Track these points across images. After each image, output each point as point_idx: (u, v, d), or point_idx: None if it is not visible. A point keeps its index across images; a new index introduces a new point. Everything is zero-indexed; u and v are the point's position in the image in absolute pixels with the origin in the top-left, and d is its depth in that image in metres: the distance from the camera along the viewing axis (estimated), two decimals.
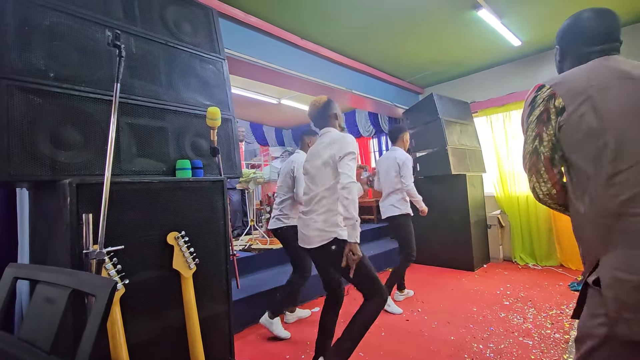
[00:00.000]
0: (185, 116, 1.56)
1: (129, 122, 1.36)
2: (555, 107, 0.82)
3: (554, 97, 0.82)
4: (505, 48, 3.75)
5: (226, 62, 1.81)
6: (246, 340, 2.34)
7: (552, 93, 0.83)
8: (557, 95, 0.82)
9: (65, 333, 0.68)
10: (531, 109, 0.87)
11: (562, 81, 0.84)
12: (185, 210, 1.36)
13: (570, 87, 0.81)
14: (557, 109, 0.82)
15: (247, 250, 3.55)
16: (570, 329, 2.22)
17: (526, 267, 3.84)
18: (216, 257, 1.44)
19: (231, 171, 1.70)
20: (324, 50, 3.49)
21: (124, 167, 1.32)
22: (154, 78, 1.49)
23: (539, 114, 0.84)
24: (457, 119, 4.08)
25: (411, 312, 2.67)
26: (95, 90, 1.28)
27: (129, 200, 1.22)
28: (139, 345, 1.17)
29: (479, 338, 2.17)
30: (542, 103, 0.84)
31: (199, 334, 1.25)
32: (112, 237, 1.14)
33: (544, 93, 0.84)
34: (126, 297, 1.13)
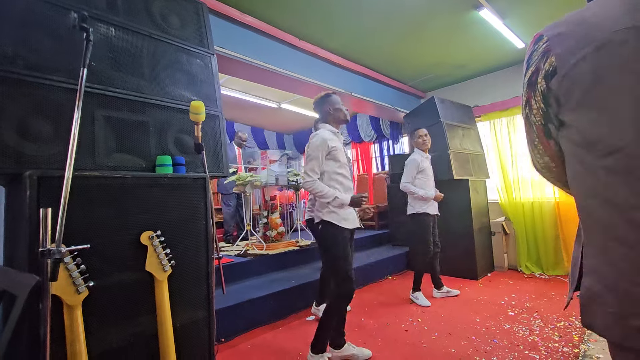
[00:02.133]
0: (169, 111, 1.49)
1: (106, 114, 1.29)
2: (545, 69, 0.65)
3: (547, 54, 0.65)
4: (508, 50, 3.67)
5: (215, 57, 1.74)
6: (237, 350, 2.22)
7: (546, 49, 0.66)
8: (551, 53, 0.65)
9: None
10: (526, 68, 0.71)
11: (564, 30, 0.65)
12: (163, 208, 1.28)
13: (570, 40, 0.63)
14: (546, 71, 0.65)
15: (242, 255, 3.46)
16: (579, 342, 2.08)
17: (532, 276, 3.69)
18: (196, 260, 1.35)
19: (217, 170, 1.62)
20: (322, 51, 3.44)
21: (98, 162, 1.24)
22: (135, 70, 1.42)
23: (530, 75, 0.69)
24: (460, 122, 3.98)
25: (410, 322, 2.54)
26: (69, 80, 1.21)
27: (100, 196, 1.13)
28: (105, 354, 1.08)
29: (482, 351, 2.03)
30: (535, 61, 0.68)
31: (172, 342, 1.15)
32: (79, 236, 1.06)
33: (540, 48, 0.68)
34: (92, 301, 1.05)
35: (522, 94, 0.74)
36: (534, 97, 0.69)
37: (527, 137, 0.76)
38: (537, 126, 0.72)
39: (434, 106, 3.79)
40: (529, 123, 0.73)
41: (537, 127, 0.72)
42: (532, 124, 0.72)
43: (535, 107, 0.70)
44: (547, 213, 3.80)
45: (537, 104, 0.69)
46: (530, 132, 0.74)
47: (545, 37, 0.67)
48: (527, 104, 0.71)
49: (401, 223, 4.42)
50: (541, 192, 3.91)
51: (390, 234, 4.81)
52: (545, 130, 0.71)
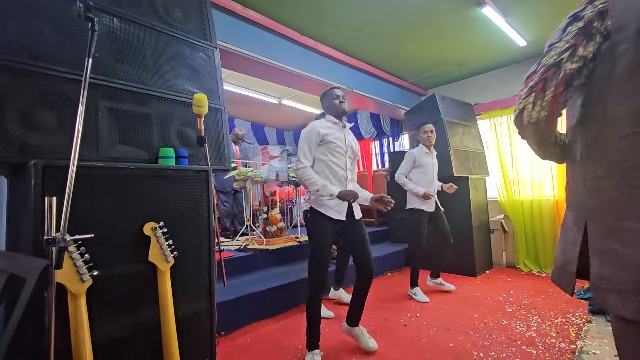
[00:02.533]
0: (172, 103, 1.49)
1: (110, 106, 1.29)
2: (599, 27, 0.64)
3: (604, 15, 0.64)
4: (510, 48, 3.67)
5: (218, 50, 1.74)
6: (236, 343, 2.24)
7: (604, 9, 0.65)
8: (609, 15, 0.64)
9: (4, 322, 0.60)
10: (572, 20, 0.69)
11: None
12: (165, 200, 1.28)
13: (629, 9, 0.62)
14: (600, 31, 0.64)
15: (242, 250, 3.47)
16: (576, 339, 2.10)
17: (530, 273, 3.72)
18: (198, 252, 1.36)
19: (220, 163, 1.63)
20: (323, 47, 3.43)
21: (102, 153, 1.25)
22: (139, 62, 1.42)
23: (583, 26, 0.66)
24: (460, 120, 3.99)
25: (409, 318, 2.56)
26: (74, 71, 1.21)
27: (103, 186, 1.14)
28: (109, 343, 1.09)
29: (480, 346, 2.05)
30: (589, 16, 0.66)
31: (174, 332, 1.16)
32: (83, 225, 1.06)
33: (597, 6, 0.66)
34: (96, 290, 1.05)
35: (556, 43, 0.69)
36: (584, 45, 0.66)
37: (540, 84, 0.70)
38: (566, 73, 0.68)
39: (435, 103, 3.80)
40: (557, 67, 0.68)
41: (564, 74, 0.68)
42: (561, 69, 0.68)
43: (579, 55, 0.66)
44: (546, 211, 3.82)
45: (586, 52, 0.66)
46: (551, 78, 0.68)
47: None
48: (569, 50, 0.67)
49: (400, 220, 4.44)
50: (540, 190, 3.93)
51: (389, 230, 4.83)
52: (569, 79, 0.68)
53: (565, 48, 0.68)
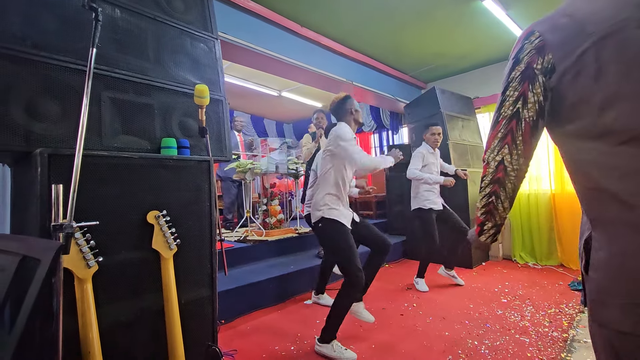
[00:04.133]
0: (173, 94, 1.51)
1: (112, 96, 1.31)
2: (542, 64, 0.65)
3: (543, 50, 0.65)
4: (510, 42, 3.65)
5: (219, 41, 1.75)
6: (236, 331, 2.29)
7: (541, 44, 0.65)
8: (547, 49, 0.64)
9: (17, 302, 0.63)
10: (514, 63, 0.69)
11: (557, 26, 0.64)
12: (168, 189, 1.31)
13: (567, 36, 0.62)
14: (544, 67, 0.65)
15: (242, 241, 3.51)
16: (569, 328, 2.15)
17: (526, 265, 3.77)
18: (200, 240, 1.39)
19: (221, 154, 1.65)
20: (324, 39, 3.42)
21: (105, 143, 1.27)
22: (140, 53, 1.43)
23: (524, 69, 0.67)
24: (459, 113, 4.00)
25: (406, 308, 2.61)
26: (76, 61, 1.22)
27: (107, 175, 1.16)
28: (113, 327, 1.12)
29: (474, 334, 2.11)
30: (527, 56, 0.66)
31: (177, 318, 1.20)
32: (88, 213, 1.09)
33: (533, 43, 0.66)
34: (101, 275, 1.08)
35: (506, 91, 0.71)
36: (531, 89, 0.67)
37: (509, 136, 0.72)
38: (527, 122, 0.69)
39: (435, 97, 3.81)
40: (518, 119, 0.70)
41: (525, 124, 0.70)
42: (521, 120, 0.70)
43: (532, 101, 0.68)
44: (542, 205, 3.86)
45: (536, 97, 0.67)
46: (517, 129, 0.70)
47: (537, 32, 0.66)
48: (520, 98, 0.69)
49: (398, 212, 4.48)
50: (538, 184, 3.96)
51: (387, 223, 4.88)
52: (533, 127, 0.70)
53: (516, 97, 0.69)
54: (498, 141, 0.73)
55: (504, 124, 0.72)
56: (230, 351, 1.95)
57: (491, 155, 0.75)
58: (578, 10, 0.63)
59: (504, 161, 0.73)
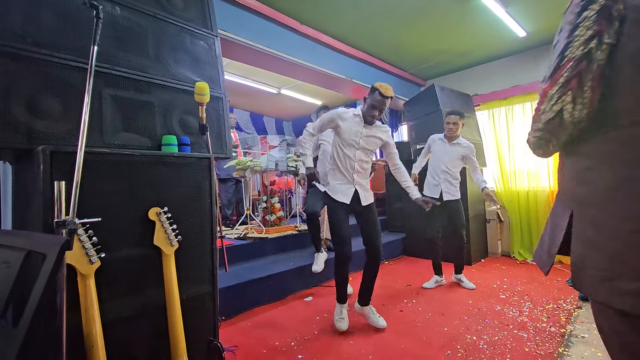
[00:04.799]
0: (174, 91, 1.51)
1: (113, 94, 1.31)
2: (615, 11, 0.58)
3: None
4: (509, 39, 3.67)
5: (218, 39, 1.75)
6: (237, 327, 2.30)
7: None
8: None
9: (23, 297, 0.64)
10: (586, 3, 0.60)
11: None
12: (169, 186, 1.32)
13: None
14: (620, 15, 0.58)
15: (242, 238, 3.52)
16: (566, 323, 2.17)
17: (524, 262, 3.79)
18: (201, 236, 1.40)
19: (221, 151, 1.66)
20: (324, 37, 3.42)
21: (106, 140, 1.27)
22: (140, 50, 1.44)
23: (600, 9, 0.59)
24: None
25: (405, 304, 2.63)
26: (77, 59, 1.23)
27: (109, 172, 1.17)
28: (116, 322, 1.13)
29: (473, 330, 2.13)
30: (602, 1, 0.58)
31: (179, 314, 1.21)
32: (90, 210, 1.10)
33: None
34: (103, 272, 1.09)
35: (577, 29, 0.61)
36: (608, 31, 0.59)
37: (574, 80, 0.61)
38: (599, 66, 0.60)
39: (434, 94, 3.81)
40: (590, 60, 0.60)
41: (597, 67, 0.60)
42: (593, 62, 0.60)
43: (607, 41, 0.59)
44: (541, 202, 3.87)
45: (611, 37, 0.59)
46: (586, 72, 0.60)
47: None
48: (596, 37, 0.59)
49: (398, 210, 4.50)
50: (536, 181, 3.98)
51: (387, 220, 4.89)
52: (602, 74, 0.60)
53: (590, 35, 0.60)
54: (559, 87, 0.62)
55: (570, 66, 0.61)
56: (232, 347, 1.96)
57: (548, 106, 0.63)
58: None
59: (563, 111, 0.62)
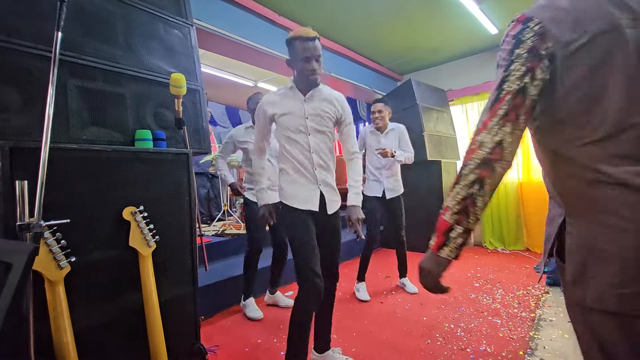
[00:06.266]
0: (147, 83, 1.42)
1: (79, 85, 1.22)
2: (547, 51, 0.64)
3: (544, 36, 0.64)
4: (481, 36, 3.77)
5: (194, 28, 1.67)
6: (217, 326, 2.26)
7: (542, 31, 0.64)
8: (548, 36, 0.64)
9: None
10: (517, 42, 0.66)
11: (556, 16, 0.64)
12: (144, 183, 1.25)
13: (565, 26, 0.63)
14: (547, 54, 0.64)
15: (220, 235, 3.44)
16: (535, 308, 2.30)
17: (495, 251, 3.98)
18: (180, 236, 1.34)
19: (199, 146, 1.59)
20: None
21: (73, 135, 1.18)
22: (109, 38, 1.34)
23: (530, 48, 0.65)
24: (434, 106, 4.10)
25: (385, 295, 2.68)
26: (37, 46, 1.12)
27: (78, 170, 1.09)
28: (90, 329, 1.06)
29: (451, 318, 2.20)
30: (530, 39, 0.65)
31: (158, 317, 1.16)
32: (58, 211, 1.01)
33: (534, 27, 0.65)
34: (74, 277, 1.02)
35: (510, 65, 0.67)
36: (541, 67, 0.64)
37: (512, 113, 0.66)
38: (531, 100, 0.66)
39: (411, 89, 3.87)
40: (524, 95, 0.66)
41: (530, 102, 0.66)
42: (527, 96, 0.66)
43: (539, 78, 0.65)
44: (510, 193, 4.06)
45: (543, 74, 0.65)
46: (521, 106, 0.66)
47: (537, 19, 0.66)
48: (528, 73, 0.65)
49: None
50: (506, 173, 4.16)
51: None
52: (533, 107, 0.67)
53: (524, 72, 0.65)
54: (498, 119, 0.66)
55: (508, 99, 0.66)
56: (212, 347, 1.92)
57: (488, 136, 0.67)
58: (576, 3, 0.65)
59: (503, 142, 0.66)
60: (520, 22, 0.68)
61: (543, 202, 0.81)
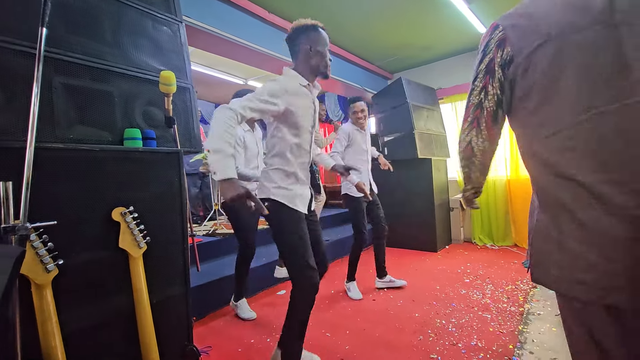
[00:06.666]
0: (135, 81, 1.39)
1: (65, 82, 1.18)
2: (502, 57, 0.71)
3: (503, 43, 0.71)
4: (471, 35, 3.81)
5: (183, 25, 1.64)
6: (210, 326, 2.24)
7: (502, 38, 0.71)
8: (507, 42, 0.70)
9: None
10: (482, 56, 0.76)
11: (517, 22, 0.71)
12: (134, 184, 1.22)
13: (524, 31, 0.69)
14: (503, 60, 0.71)
15: (211, 235, 3.40)
16: (524, 302, 2.35)
17: (484, 247, 4.05)
18: (172, 236, 1.32)
19: (190, 145, 1.56)
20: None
21: (59, 134, 1.14)
22: (96, 35, 1.30)
23: (488, 62, 0.74)
24: (424, 104, 4.13)
25: (377, 292, 2.70)
26: (22, 42, 1.08)
27: (65, 170, 1.06)
28: (80, 333, 1.04)
29: (442, 314, 2.23)
30: (491, 49, 0.73)
31: (150, 319, 1.14)
32: (44, 212, 0.99)
33: (496, 37, 0.72)
34: (62, 280, 1.00)
35: (475, 80, 0.79)
36: (491, 83, 0.75)
37: (475, 121, 0.81)
38: (488, 112, 0.79)
39: (401, 87, 3.89)
40: (482, 108, 0.79)
41: (487, 113, 0.79)
42: (484, 109, 0.79)
43: (491, 93, 0.76)
44: (499, 190, 4.13)
45: (494, 90, 0.76)
46: (480, 117, 0.80)
47: (501, 27, 0.73)
48: (483, 90, 0.78)
49: None
50: (495, 170, 4.23)
51: None
52: (494, 116, 0.79)
53: (480, 88, 0.78)
54: (467, 125, 0.84)
55: (472, 110, 0.82)
56: (205, 348, 1.90)
57: (462, 136, 0.87)
58: (537, 8, 0.70)
59: (472, 142, 0.84)
60: (490, 29, 0.76)
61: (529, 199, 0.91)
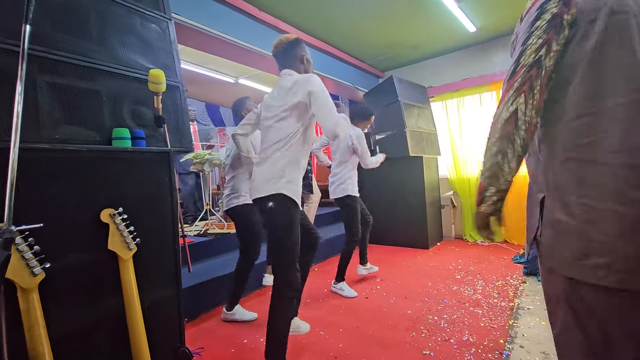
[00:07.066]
0: (123, 79, 1.37)
1: (50, 81, 1.15)
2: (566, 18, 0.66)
3: (569, 4, 0.66)
4: (460, 33, 3.85)
5: (172, 22, 1.62)
6: (202, 327, 2.22)
7: None
8: (572, 3, 0.66)
9: None
10: (539, 13, 0.68)
11: None
12: (123, 184, 1.20)
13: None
14: (570, 20, 0.66)
15: (203, 235, 3.37)
16: (514, 297, 2.39)
17: (475, 243, 4.10)
18: (162, 237, 1.30)
19: (179, 144, 1.54)
20: (283, 24, 3.32)
21: (44, 134, 1.11)
22: (83, 32, 1.27)
23: (551, 18, 0.67)
24: (416, 102, 4.16)
25: (370, 290, 2.71)
26: (5, 40, 1.05)
27: (51, 171, 1.03)
28: (69, 337, 1.02)
29: (434, 310, 2.26)
30: (553, 7, 0.67)
31: (141, 322, 1.12)
32: (30, 215, 0.96)
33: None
34: (50, 283, 0.97)
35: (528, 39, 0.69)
36: (556, 39, 0.66)
37: (527, 84, 0.69)
38: (547, 71, 0.68)
39: (393, 86, 3.90)
40: (539, 67, 0.68)
41: (545, 73, 0.68)
42: (542, 67, 0.68)
43: (554, 50, 0.67)
44: None
45: (559, 46, 0.67)
46: (536, 77, 0.68)
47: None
48: (545, 45, 0.67)
49: None
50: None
51: None
52: (549, 77, 0.69)
53: (540, 44, 0.67)
54: (514, 91, 0.70)
55: (523, 72, 0.69)
56: (197, 349, 1.88)
57: (504, 108, 0.71)
58: None
59: (518, 111, 0.70)
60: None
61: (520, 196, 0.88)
